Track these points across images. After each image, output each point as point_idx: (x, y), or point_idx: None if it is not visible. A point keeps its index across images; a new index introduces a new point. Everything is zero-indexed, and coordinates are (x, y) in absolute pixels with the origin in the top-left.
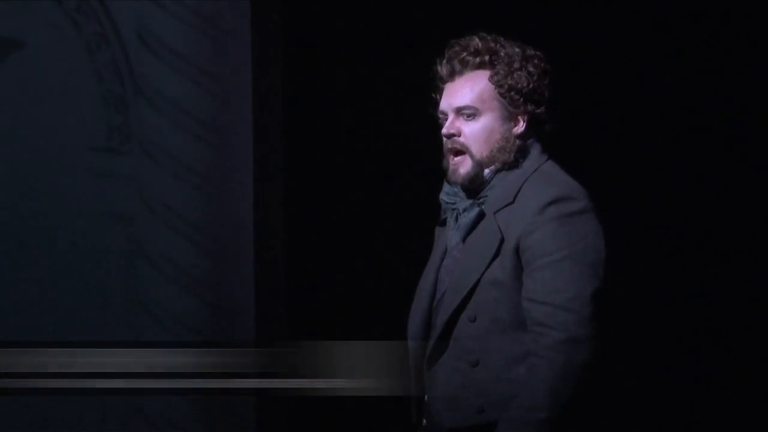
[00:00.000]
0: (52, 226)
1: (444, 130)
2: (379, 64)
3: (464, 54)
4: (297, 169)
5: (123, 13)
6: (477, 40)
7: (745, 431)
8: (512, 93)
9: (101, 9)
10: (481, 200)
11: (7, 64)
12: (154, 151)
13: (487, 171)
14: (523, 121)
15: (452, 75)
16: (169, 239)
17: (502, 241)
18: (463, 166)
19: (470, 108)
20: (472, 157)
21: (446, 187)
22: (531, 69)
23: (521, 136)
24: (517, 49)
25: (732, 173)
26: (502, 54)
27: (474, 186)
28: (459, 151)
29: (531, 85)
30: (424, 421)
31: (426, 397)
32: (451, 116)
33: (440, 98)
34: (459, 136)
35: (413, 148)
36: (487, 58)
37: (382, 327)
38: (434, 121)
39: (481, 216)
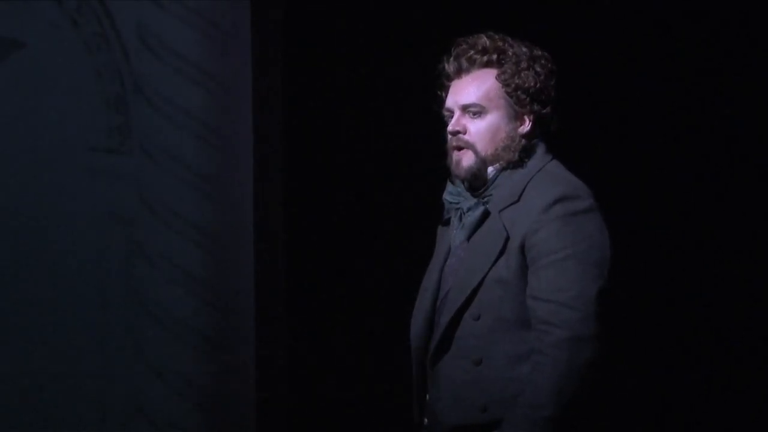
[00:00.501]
0: (52, 226)
1: (450, 127)
2: (379, 64)
3: (472, 52)
4: (297, 169)
5: (123, 13)
6: (485, 38)
7: (745, 431)
8: (519, 92)
9: (101, 9)
10: (486, 199)
11: (7, 64)
12: (154, 151)
13: (491, 169)
14: (529, 121)
15: (459, 72)
16: (169, 239)
17: (507, 239)
18: (466, 159)
19: (477, 106)
20: (476, 153)
21: (450, 187)
22: (538, 69)
23: (526, 136)
24: (524, 49)
25: (732, 173)
26: (510, 53)
27: (477, 182)
28: (462, 148)
29: (538, 85)
30: (426, 420)
31: (428, 396)
32: (457, 113)
33: (446, 96)
34: (464, 133)
35: (414, 148)
36: (494, 56)
37: (383, 327)
38: (435, 120)
39: (486, 215)
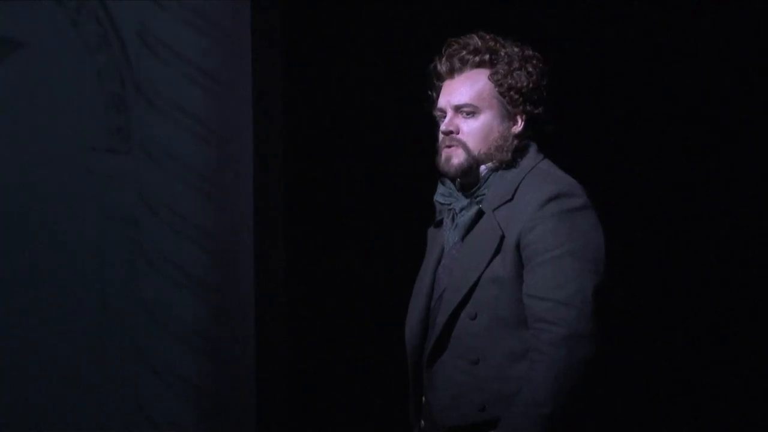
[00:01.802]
0: (52, 226)
1: (443, 127)
2: (379, 64)
3: (464, 52)
4: (297, 169)
5: (123, 13)
6: (477, 38)
7: (745, 431)
8: (512, 92)
9: (101, 9)
10: (479, 198)
11: (7, 64)
12: (154, 151)
13: (483, 169)
14: (522, 121)
15: (451, 72)
16: (169, 239)
17: (502, 237)
18: (456, 156)
19: (470, 106)
20: (467, 152)
21: (441, 188)
22: (530, 69)
23: (519, 136)
24: (516, 49)
25: (726, 170)
26: (502, 53)
27: (467, 181)
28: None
29: (530, 85)
30: (422, 422)
31: (424, 397)
32: (449, 113)
33: (437, 96)
34: (457, 133)
35: (414, 149)
36: (486, 57)
37: (383, 327)
38: (434, 121)
39: (480, 214)
